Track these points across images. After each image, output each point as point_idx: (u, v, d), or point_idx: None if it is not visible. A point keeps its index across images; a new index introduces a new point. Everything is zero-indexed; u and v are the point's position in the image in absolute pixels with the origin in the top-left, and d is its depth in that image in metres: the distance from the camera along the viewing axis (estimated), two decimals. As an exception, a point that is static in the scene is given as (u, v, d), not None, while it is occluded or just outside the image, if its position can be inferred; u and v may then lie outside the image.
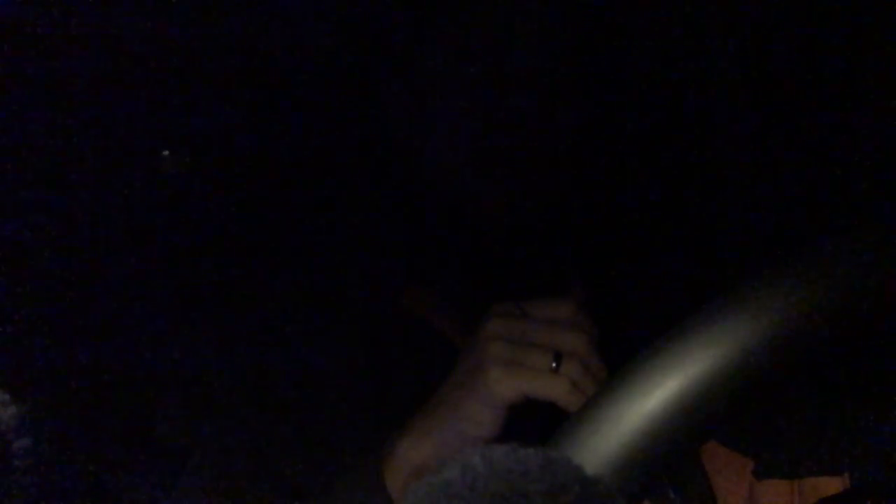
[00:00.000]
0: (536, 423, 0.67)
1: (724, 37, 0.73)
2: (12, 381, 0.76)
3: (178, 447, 0.74)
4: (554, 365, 0.68)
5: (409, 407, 0.73)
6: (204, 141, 0.81)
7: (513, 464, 0.34)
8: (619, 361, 0.44)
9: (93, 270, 0.78)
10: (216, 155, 0.81)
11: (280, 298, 0.79)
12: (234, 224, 0.81)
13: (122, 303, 0.78)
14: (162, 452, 0.74)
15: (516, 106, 0.75)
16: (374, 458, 0.71)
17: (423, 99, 0.76)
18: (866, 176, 0.72)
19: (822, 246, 0.44)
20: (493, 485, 0.33)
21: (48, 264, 0.77)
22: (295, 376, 0.77)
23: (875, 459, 0.70)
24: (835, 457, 0.73)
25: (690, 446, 0.40)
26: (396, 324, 0.80)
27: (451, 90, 0.75)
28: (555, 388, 0.68)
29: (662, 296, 0.79)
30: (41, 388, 0.76)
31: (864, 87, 0.70)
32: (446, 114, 0.76)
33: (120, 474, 0.74)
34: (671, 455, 0.40)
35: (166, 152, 0.80)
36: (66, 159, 0.76)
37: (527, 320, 0.70)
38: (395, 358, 0.79)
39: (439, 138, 0.77)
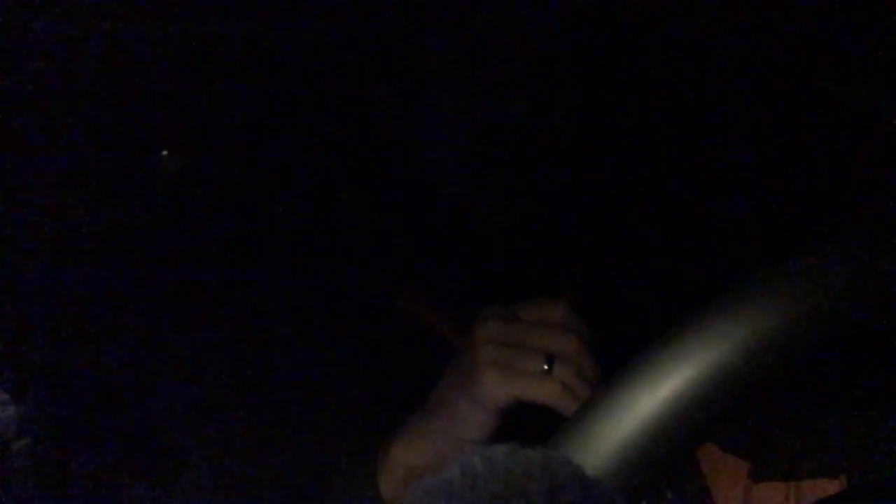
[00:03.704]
0: (534, 424, 0.68)
1: (724, 37, 0.73)
2: (12, 381, 0.76)
3: (178, 447, 0.74)
4: (546, 367, 0.68)
5: (406, 409, 0.73)
6: (203, 141, 0.81)
7: (513, 464, 0.34)
8: (613, 363, 0.45)
9: (92, 270, 0.78)
10: (215, 155, 0.82)
11: (277, 300, 0.79)
12: (232, 225, 0.81)
13: (121, 303, 0.78)
14: (162, 452, 0.74)
15: (513, 107, 0.75)
16: (369, 460, 0.71)
17: (420, 100, 0.76)
18: (866, 176, 0.72)
19: (820, 247, 0.44)
20: (493, 485, 0.33)
21: (47, 264, 0.77)
22: (292, 378, 0.77)
23: (873, 461, 0.70)
24: (832, 459, 0.73)
25: (690, 446, 0.40)
26: (393, 326, 0.80)
27: (447, 91, 0.76)
28: (546, 391, 0.68)
29: (657, 298, 0.80)
30: (41, 388, 0.76)
31: (865, 87, 0.70)
32: (443, 115, 0.76)
33: (120, 474, 0.74)
34: (671, 455, 0.40)
35: (165, 152, 0.80)
36: (64, 159, 0.76)
37: (518, 323, 0.70)
38: (391, 360, 0.79)
39: (436, 140, 0.77)
